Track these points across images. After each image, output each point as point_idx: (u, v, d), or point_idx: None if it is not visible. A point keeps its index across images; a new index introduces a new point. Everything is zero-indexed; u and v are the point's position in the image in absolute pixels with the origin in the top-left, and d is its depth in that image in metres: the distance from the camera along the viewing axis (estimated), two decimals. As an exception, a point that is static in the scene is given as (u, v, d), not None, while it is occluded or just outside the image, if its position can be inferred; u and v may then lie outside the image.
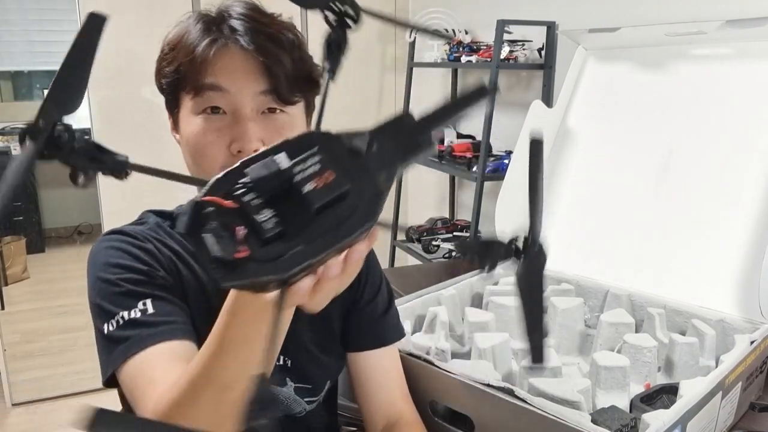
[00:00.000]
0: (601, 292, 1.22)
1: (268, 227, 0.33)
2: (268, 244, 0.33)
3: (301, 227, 0.33)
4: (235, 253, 0.32)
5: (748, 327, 1.03)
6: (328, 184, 0.34)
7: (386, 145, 0.37)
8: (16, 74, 4.76)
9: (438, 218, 2.54)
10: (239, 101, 0.70)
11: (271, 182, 0.34)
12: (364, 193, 0.35)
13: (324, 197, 0.34)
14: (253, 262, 0.33)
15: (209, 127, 0.70)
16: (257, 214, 0.33)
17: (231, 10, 0.72)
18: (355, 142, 0.37)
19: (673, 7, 1.64)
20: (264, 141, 0.70)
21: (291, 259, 0.33)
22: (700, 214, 1.16)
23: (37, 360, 2.89)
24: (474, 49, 2.28)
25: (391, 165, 0.36)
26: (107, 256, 0.73)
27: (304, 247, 0.33)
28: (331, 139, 0.36)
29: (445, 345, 1.01)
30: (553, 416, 0.75)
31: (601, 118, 1.38)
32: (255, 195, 0.34)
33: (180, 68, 0.71)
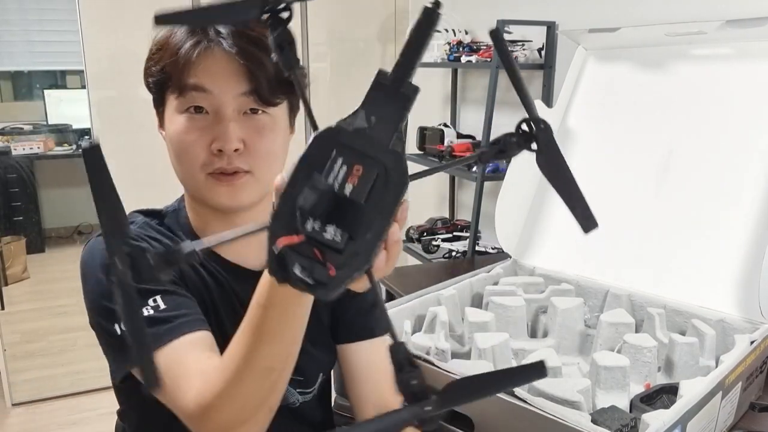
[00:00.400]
0: (601, 292, 1.22)
1: (338, 240, 0.37)
2: (343, 251, 0.37)
3: (361, 222, 0.37)
4: (326, 274, 0.37)
5: (748, 327, 1.03)
6: (361, 176, 0.38)
7: (381, 111, 0.39)
8: (16, 74, 4.76)
9: (438, 218, 2.54)
10: (221, 102, 0.72)
11: (320, 205, 0.37)
12: (388, 164, 0.38)
13: (364, 190, 0.37)
14: (340, 270, 0.37)
15: (192, 126, 0.73)
16: (323, 234, 0.37)
17: None
18: (356, 123, 0.39)
19: (673, 7, 1.64)
20: (245, 141, 0.73)
21: (366, 251, 0.38)
22: (700, 214, 1.16)
23: (37, 360, 2.89)
24: (474, 49, 2.28)
25: (395, 126, 0.39)
26: (103, 258, 0.73)
27: (371, 235, 0.38)
28: (337, 134, 0.39)
29: (445, 345, 1.01)
30: (553, 416, 0.75)
31: (601, 118, 1.38)
32: (313, 220, 0.37)
33: (165, 68, 0.73)
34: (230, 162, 0.73)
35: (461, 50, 2.31)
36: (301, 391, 0.84)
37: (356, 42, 2.94)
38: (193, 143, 0.73)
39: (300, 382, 0.84)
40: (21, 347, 2.96)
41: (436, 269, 2.09)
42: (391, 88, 0.39)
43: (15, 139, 4.45)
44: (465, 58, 2.25)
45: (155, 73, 0.75)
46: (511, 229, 1.41)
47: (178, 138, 0.74)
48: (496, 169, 2.12)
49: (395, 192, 0.38)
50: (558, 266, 1.31)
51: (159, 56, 0.74)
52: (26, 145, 4.36)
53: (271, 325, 0.58)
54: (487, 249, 2.25)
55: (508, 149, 0.44)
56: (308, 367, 0.84)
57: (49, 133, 4.52)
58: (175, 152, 0.75)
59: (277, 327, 0.59)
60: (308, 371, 0.84)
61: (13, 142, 4.42)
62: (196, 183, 0.75)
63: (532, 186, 1.42)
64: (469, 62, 2.23)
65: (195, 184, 0.75)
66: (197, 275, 0.78)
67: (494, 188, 2.24)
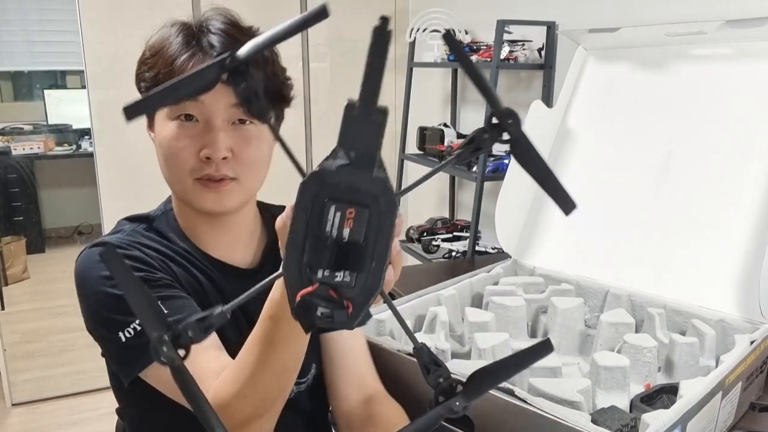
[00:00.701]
0: (601, 292, 1.22)
1: (347, 281, 0.41)
2: (355, 286, 0.41)
3: (364, 257, 0.41)
4: (345, 314, 0.41)
5: (748, 327, 1.03)
6: (355, 218, 0.41)
7: (358, 143, 0.41)
8: (16, 74, 4.76)
9: (438, 218, 2.54)
10: (212, 112, 0.75)
11: (325, 257, 0.41)
12: (377, 193, 0.41)
13: (361, 230, 0.41)
14: (356, 302, 0.41)
15: (182, 133, 0.76)
16: (335, 279, 0.41)
17: (210, 24, 0.77)
18: (337, 161, 0.41)
19: (673, 7, 1.64)
20: (232, 150, 0.76)
21: (375, 278, 0.42)
22: (700, 214, 1.16)
23: (37, 360, 2.89)
24: (474, 49, 2.28)
25: (374, 154, 0.41)
26: (100, 269, 0.75)
27: (376, 263, 0.41)
28: (323, 177, 0.41)
29: (445, 345, 1.01)
30: (553, 416, 0.75)
31: (601, 118, 1.38)
32: (322, 270, 0.41)
33: (159, 76, 0.75)
34: (218, 169, 0.75)
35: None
36: (297, 381, 0.86)
37: (356, 42, 2.94)
38: (183, 149, 0.75)
39: None
40: (21, 347, 2.96)
41: (436, 269, 2.09)
42: (362, 118, 0.41)
43: (15, 139, 4.45)
44: (465, 58, 2.25)
45: (149, 78, 0.77)
46: (511, 229, 1.41)
47: (168, 143, 0.76)
48: (497, 169, 2.12)
49: (389, 217, 0.41)
50: (558, 266, 1.31)
51: (153, 62, 0.77)
52: (26, 145, 4.36)
53: (283, 335, 0.63)
54: (487, 249, 2.25)
55: (483, 145, 0.44)
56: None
57: (49, 133, 4.53)
58: (164, 156, 0.78)
59: (289, 336, 0.63)
60: (303, 363, 0.85)
61: (13, 142, 4.42)
62: (184, 187, 0.78)
63: (532, 186, 1.42)
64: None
65: (183, 188, 0.78)
66: (190, 275, 0.81)
67: (494, 188, 2.24)
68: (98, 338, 0.78)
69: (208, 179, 0.76)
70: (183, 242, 0.83)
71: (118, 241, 0.79)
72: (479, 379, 0.44)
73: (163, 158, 0.78)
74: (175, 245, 0.82)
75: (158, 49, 0.77)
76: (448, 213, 2.76)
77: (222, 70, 0.41)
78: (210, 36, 0.76)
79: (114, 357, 0.78)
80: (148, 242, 0.80)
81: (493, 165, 2.12)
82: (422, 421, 0.45)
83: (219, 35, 0.76)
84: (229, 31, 0.77)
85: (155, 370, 0.72)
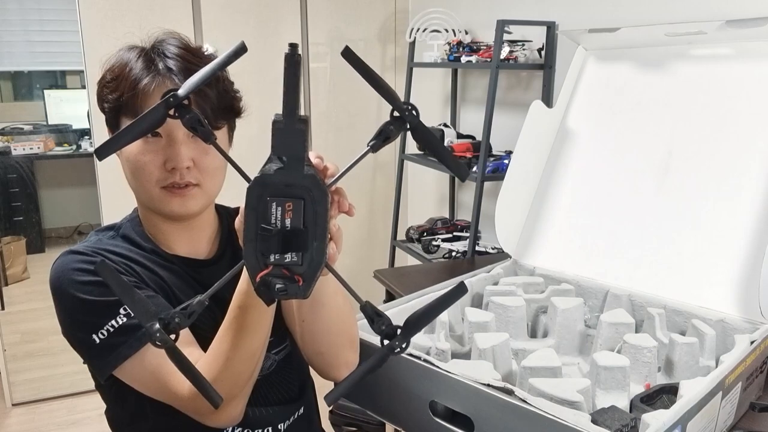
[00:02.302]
0: (601, 292, 1.22)
1: (295, 260, 0.51)
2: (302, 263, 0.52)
3: (306, 239, 0.51)
4: (296, 285, 0.52)
5: (748, 327, 1.03)
6: (293, 210, 0.51)
7: (287, 149, 0.50)
8: (16, 74, 4.76)
9: (438, 218, 2.54)
10: (173, 128, 0.82)
11: (273, 244, 0.51)
12: (309, 185, 0.51)
13: (299, 218, 0.51)
14: (306, 276, 0.52)
15: (147, 149, 0.83)
16: (285, 260, 0.51)
17: (165, 49, 0.85)
18: (271, 166, 0.51)
19: (673, 7, 1.64)
20: (194, 160, 0.84)
21: (318, 254, 0.52)
22: (700, 214, 1.16)
23: (37, 360, 2.89)
24: (474, 49, 2.28)
25: (302, 155, 0.51)
26: (73, 275, 0.82)
27: (317, 242, 0.52)
28: (263, 182, 0.51)
29: (445, 345, 1.01)
30: (553, 416, 0.75)
31: (601, 118, 1.38)
32: (274, 252, 0.51)
33: (123, 97, 0.83)
34: (182, 177, 0.84)
35: (461, 50, 2.31)
36: (276, 350, 0.94)
37: (356, 42, 2.94)
38: (149, 162, 0.83)
39: (273, 343, 0.91)
40: (21, 347, 2.96)
41: (436, 269, 2.09)
42: (287, 128, 0.50)
43: (15, 139, 4.45)
44: (465, 58, 2.25)
45: (112, 100, 0.84)
46: (511, 229, 1.41)
47: (135, 158, 0.84)
48: (496, 169, 2.12)
49: (322, 204, 0.51)
50: (558, 266, 1.31)
51: (115, 85, 0.84)
52: (26, 145, 4.36)
53: (251, 321, 0.74)
54: (487, 249, 2.25)
55: (391, 135, 0.53)
56: (276, 326, 0.88)
57: (49, 133, 4.52)
58: (131, 170, 0.86)
59: (257, 322, 0.74)
60: (277, 332, 0.91)
61: (13, 142, 4.42)
62: (151, 195, 0.86)
63: (532, 186, 1.42)
64: (469, 62, 2.23)
65: (150, 196, 0.86)
66: (154, 274, 0.88)
67: (494, 188, 2.24)
68: (74, 342, 0.85)
69: (173, 186, 0.84)
70: (148, 244, 0.91)
71: (84, 248, 0.86)
72: (413, 323, 0.55)
73: (130, 171, 0.86)
74: (140, 248, 0.90)
75: (119, 73, 0.84)
76: (448, 213, 2.76)
77: (168, 107, 0.51)
78: (167, 60, 0.84)
79: (89, 357, 0.84)
80: (113, 248, 0.88)
81: (493, 165, 2.12)
82: (372, 360, 0.53)
83: (175, 59, 0.84)
84: (184, 56, 0.85)
85: (128, 367, 0.81)
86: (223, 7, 2.68)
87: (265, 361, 0.89)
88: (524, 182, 1.42)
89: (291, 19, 2.82)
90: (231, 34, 2.71)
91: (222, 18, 2.68)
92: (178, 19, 2.58)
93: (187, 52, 0.86)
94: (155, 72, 0.83)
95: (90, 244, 0.89)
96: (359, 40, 2.95)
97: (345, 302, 0.86)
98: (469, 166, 2.20)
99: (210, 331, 0.80)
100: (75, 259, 0.84)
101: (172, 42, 0.86)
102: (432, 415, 0.90)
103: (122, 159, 0.87)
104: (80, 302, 0.81)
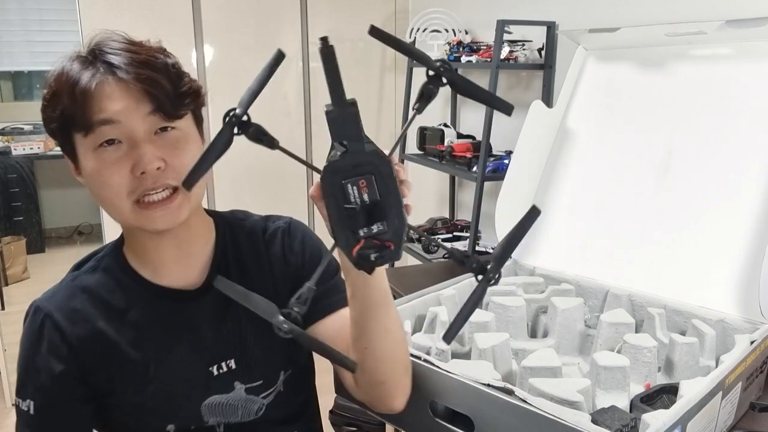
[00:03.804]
0: (601, 292, 1.22)
1: (382, 228, 0.56)
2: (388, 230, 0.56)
3: (385, 207, 0.56)
4: (389, 250, 0.56)
5: (748, 327, 1.03)
6: (367, 185, 0.55)
7: (345, 132, 0.54)
8: (16, 74, 4.76)
9: (438, 218, 2.54)
10: (131, 128, 0.74)
11: (359, 219, 0.55)
12: (374, 160, 0.55)
13: (374, 191, 0.55)
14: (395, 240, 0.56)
15: (108, 159, 0.74)
16: (372, 231, 0.56)
17: (103, 46, 0.76)
18: (336, 152, 0.55)
19: (673, 7, 1.64)
20: (164, 159, 0.75)
21: (399, 218, 0.56)
22: (700, 214, 1.16)
23: (37, 360, 2.89)
24: (474, 49, 2.29)
25: (359, 135, 0.54)
26: (22, 339, 0.86)
27: (395, 209, 0.56)
28: (333, 170, 0.55)
29: (445, 345, 1.01)
30: (553, 416, 0.75)
31: (601, 118, 1.38)
32: (362, 227, 0.55)
33: (66, 111, 0.73)
34: (156, 181, 0.75)
35: (461, 50, 2.31)
36: (264, 394, 0.88)
37: (356, 42, 2.94)
38: (113, 174, 0.74)
39: (261, 386, 0.87)
40: (21, 347, 2.96)
41: (436, 269, 2.09)
42: (339, 113, 0.53)
43: (15, 139, 4.45)
44: (465, 58, 2.25)
45: (56, 118, 0.75)
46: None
47: (98, 173, 0.75)
48: (496, 169, 2.12)
49: (389, 173, 0.56)
50: (558, 266, 1.31)
51: (56, 100, 0.75)
52: (26, 145, 4.36)
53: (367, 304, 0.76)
54: (487, 249, 2.25)
55: (432, 94, 0.57)
56: (265, 369, 0.87)
57: (49, 133, 4.52)
58: (97, 189, 0.76)
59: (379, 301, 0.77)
60: (266, 373, 0.87)
61: (13, 142, 4.42)
62: (124, 212, 0.76)
63: (532, 186, 1.42)
64: (469, 62, 2.23)
65: (124, 213, 0.77)
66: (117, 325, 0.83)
67: (494, 188, 2.24)
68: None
69: (146, 196, 0.75)
70: (126, 277, 0.85)
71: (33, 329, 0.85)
72: (499, 256, 0.60)
73: (96, 192, 0.77)
74: (118, 282, 0.84)
75: (57, 86, 0.75)
76: (448, 213, 2.76)
77: (232, 127, 0.53)
78: (107, 56, 0.75)
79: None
80: (78, 298, 0.83)
81: (493, 165, 2.12)
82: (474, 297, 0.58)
83: (115, 54, 0.75)
84: (125, 47, 0.76)
85: None
86: (223, 7, 2.68)
87: (252, 405, 0.87)
88: (524, 182, 1.42)
89: (291, 19, 2.83)
90: (231, 34, 2.71)
91: (222, 18, 2.68)
92: (178, 19, 2.58)
93: (126, 43, 0.77)
94: (94, 71, 0.74)
95: (54, 292, 0.85)
96: (359, 40, 2.95)
97: (402, 327, 0.84)
98: (469, 166, 2.21)
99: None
100: (27, 330, 0.86)
101: (114, 38, 0.77)
102: (432, 415, 0.90)
103: (86, 181, 0.78)
104: (19, 360, 0.86)
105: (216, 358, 0.85)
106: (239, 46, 2.74)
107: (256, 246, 0.90)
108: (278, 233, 0.91)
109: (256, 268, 0.89)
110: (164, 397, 0.83)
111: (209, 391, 0.85)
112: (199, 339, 0.85)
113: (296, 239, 0.91)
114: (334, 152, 0.55)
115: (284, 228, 0.92)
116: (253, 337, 0.86)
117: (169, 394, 0.83)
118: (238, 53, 2.73)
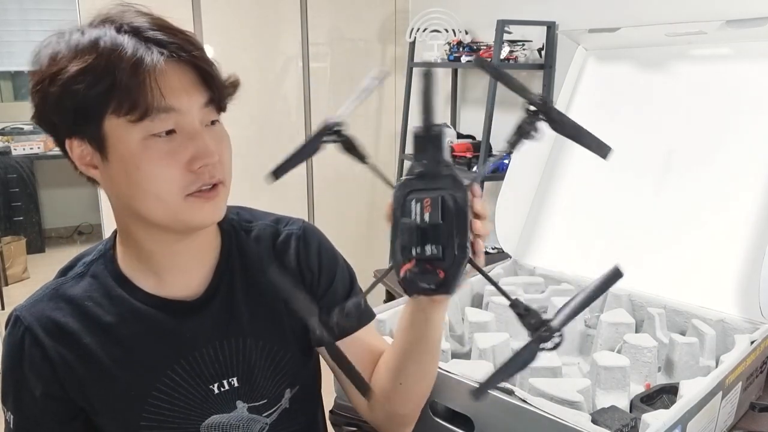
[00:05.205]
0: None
1: (435, 252, 0.52)
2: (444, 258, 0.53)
3: (446, 233, 0.53)
4: (437, 277, 0.53)
5: (748, 327, 1.03)
6: (431, 205, 0.53)
7: (426, 154, 0.55)
8: (16, 74, 4.76)
9: (438, 218, 2.53)
10: (191, 119, 0.67)
11: (413, 237, 0.53)
12: (447, 186, 0.54)
13: (437, 213, 0.53)
14: (448, 271, 0.53)
15: (161, 150, 0.66)
16: (424, 252, 0.53)
17: (137, 23, 0.66)
18: (413, 170, 0.55)
19: (673, 7, 1.64)
20: (217, 153, 0.68)
21: (461, 250, 0.53)
22: (701, 214, 1.16)
23: (37, 360, 2.88)
24: (474, 49, 2.28)
25: (439, 159, 0.54)
26: (3, 348, 0.76)
27: (459, 239, 0.53)
28: (404, 185, 0.55)
29: (446, 345, 1.01)
30: (553, 416, 0.75)
31: (601, 118, 1.38)
32: (414, 248, 0.53)
33: (115, 87, 0.63)
34: (213, 175, 0.68)
35: (461, 50, 2.31)
36: (267, 413, 0.82)
37: (356, 42, 2.94)
38: (168, 167, 0.66)
39: (264, 405, 0.82)
40: (21, 347, 2.95)
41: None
42: (425, 136, 0.54)
43: (15, 139, 4.45)
44: (465, 58, 2.25)
45: (92, 97, 0.63)
46: (511, 229, 1.41)
47: (147, 165, 0.65)
48: (496, 169, 2.12)
49: (461, 201, 0.53)
50: (558, 266, 1.31)
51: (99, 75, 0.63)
52: (26, 145, 4.36)
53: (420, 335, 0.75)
54: (487, 249, 2.25)
55: (531, 130, 0.56)
56: (269, 387, 0.82)
57: (49, 133, 4.52)
58: (139, 181, 0.66)
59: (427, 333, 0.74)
60: (270, 391, 0.82)
61: (13, 142, 4.42)
62: (171, 206, 0.68)
63: (532, 186, 1.42)
64: (469, 62, 2.23)
65: (171, 210, 0.68)
66: (96, 337, 0.74)
67: (494, 188, 2.24)
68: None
69: (199, 191, 0.68)
70: (119, 288, 0.76)
71: (14, 343, 0.75)
72: (569, 313, 0.54)
73: (137, 183, 0.66)
74: (107, 294, 0.76)
75: (102, 54, 0.63)
76: (448, 213, 2.76)
77: (322, 135, 0.55)
78: (152, 33, 0.66)
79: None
80: (61, 311, 0.75)
81: (493, 165, 2.12)
82: (524, 354, 0.52)
83: (161, 31, 0.66)
84: (166, 25, 0.68)
85: None
86: (223, 7, 2.68)
87: (254, 425, 0.81)
88: (524, 182, 1.42)
89: (291, 19, 2.82)
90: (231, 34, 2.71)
91: (222, 18, 2.68)
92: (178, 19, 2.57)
93: (164, 22, 0.69)
94: (146, 49, 0.64)
95: (36, 300, 0.77)
96: (359, 40, 2.95)
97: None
98: (469, 166, 2.21)
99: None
100: (7, 343, 0.75)
101: (139, 17, 0.68)
102: (432, 415, 0.90)
103: (111, 169, 0.68)
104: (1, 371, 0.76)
105: (217, 375, 0.78)
106: (239, 46, 2.74)
107: (266, 253, 0.82)
108: (291, 241, 0.83)
109: (265, 278, 0.81)
110: (159, 419, 0.77)
111: (209, 410, 0.78)
112: (198, 356, 0.78)
113: (312, 249, 0.84)
114: (412, 168, 0.55)
115: (298, 234, 0.84)
116: (258, 353, 0.80)
117: (164, 416, 0.77)
118: (238, 53, 2.73)
